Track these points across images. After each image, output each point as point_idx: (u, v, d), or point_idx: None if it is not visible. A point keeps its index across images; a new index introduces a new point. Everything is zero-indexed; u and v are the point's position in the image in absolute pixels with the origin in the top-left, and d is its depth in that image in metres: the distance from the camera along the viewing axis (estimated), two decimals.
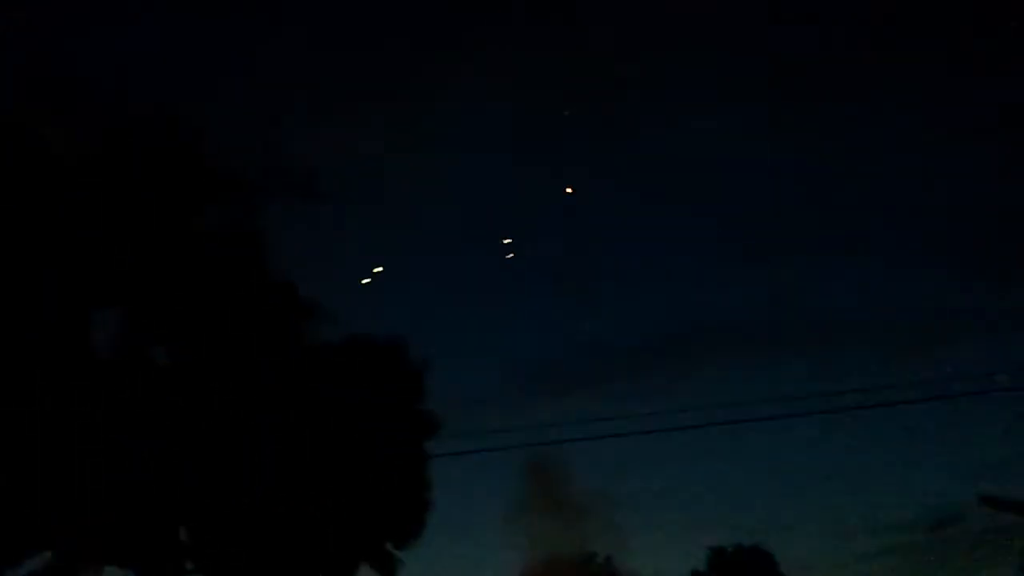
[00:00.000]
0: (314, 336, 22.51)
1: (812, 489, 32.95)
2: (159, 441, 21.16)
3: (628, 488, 30.90)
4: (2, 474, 18.67)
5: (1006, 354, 30.17)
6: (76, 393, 19.86)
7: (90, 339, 21.04)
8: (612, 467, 30.42)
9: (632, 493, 31.12)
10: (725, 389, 32.04)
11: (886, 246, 35.90)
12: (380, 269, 28.61)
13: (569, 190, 30.30)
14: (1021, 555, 29.40)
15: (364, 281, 28.43)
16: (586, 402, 33.00)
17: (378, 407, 24.28)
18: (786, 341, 34.59)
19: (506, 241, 30.43)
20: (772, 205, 37.10)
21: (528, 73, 32.27)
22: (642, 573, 31.56)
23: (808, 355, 33.53)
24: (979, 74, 34.18)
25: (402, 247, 32.45)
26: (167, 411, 21.46)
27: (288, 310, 21.65)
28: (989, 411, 29.33)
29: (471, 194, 33.53)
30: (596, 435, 28.33)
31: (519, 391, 34.33)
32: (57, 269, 20.37)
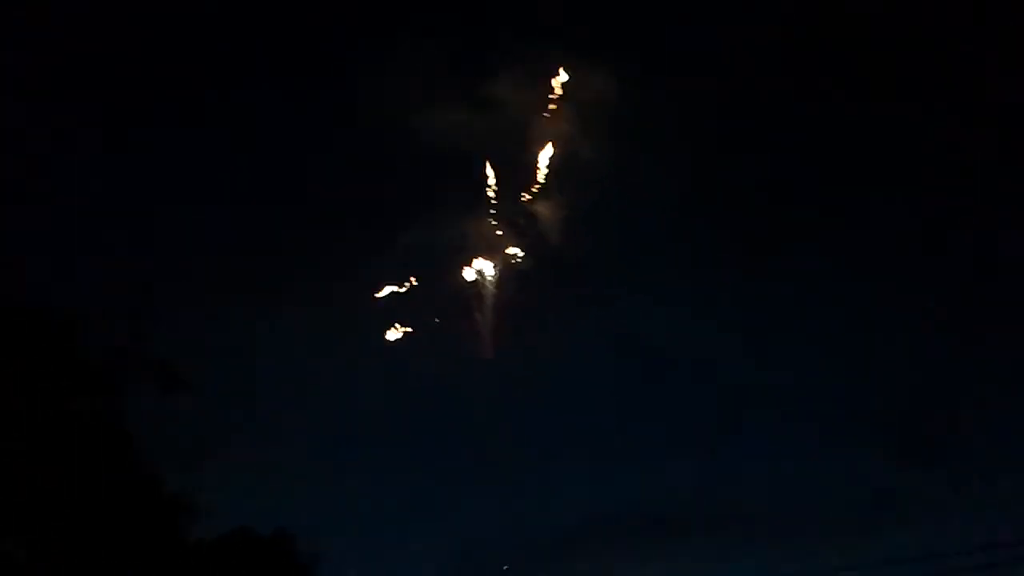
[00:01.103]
0: (187, 531, 21.55)
1: None
2: None
3: None
4: None
5: (936, 538, 29.58)
6: None
7: None
8: None
9: None
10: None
11: (813, 430, 35.80)
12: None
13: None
14: None
15: None
16: None
17: None
18: (711, 529, 33.70)
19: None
20: (696, 391, 37.14)
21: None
22: None
23: (734, 543, 32.65)
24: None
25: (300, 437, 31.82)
26: None
27: (156, 505, 20.79)
28: None
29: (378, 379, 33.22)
30: None
31: None
32: None
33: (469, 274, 30.96)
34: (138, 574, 20.99)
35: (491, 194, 31.26)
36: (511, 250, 31.95)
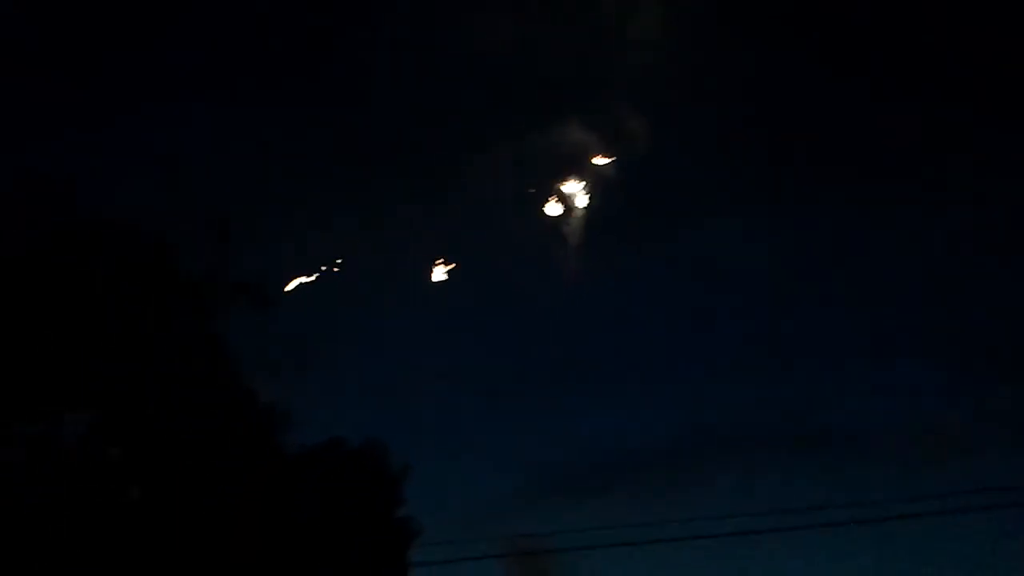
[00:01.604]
0: (280, 442, 22.30)
1: None
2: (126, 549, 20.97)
3: None
4: None
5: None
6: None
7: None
8: None
9: None
10: (737, 498, 30.84)
11: (903, 352, 34.87)
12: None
13: None
14: None
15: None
16: (588, 509, 31.98)
17: (354, 515, 23.84)
18: (800, 449, 33.34)
19: None
20: (786, 309, 36.43)
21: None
22: None
23: (823, 464, 32.29)
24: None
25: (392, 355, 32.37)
26: (134, 519, 21.32)
27: (252, 416, 21.52)
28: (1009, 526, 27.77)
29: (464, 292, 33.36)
30: (590, 544, 27.53)
31: (517, 496, 33.48)
32: (29, 374, 20.63)
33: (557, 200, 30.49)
34: (235, 481, 21.84)
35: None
36: (600, 162, 31.32)
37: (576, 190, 30.61)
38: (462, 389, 34.82)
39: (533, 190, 30.44)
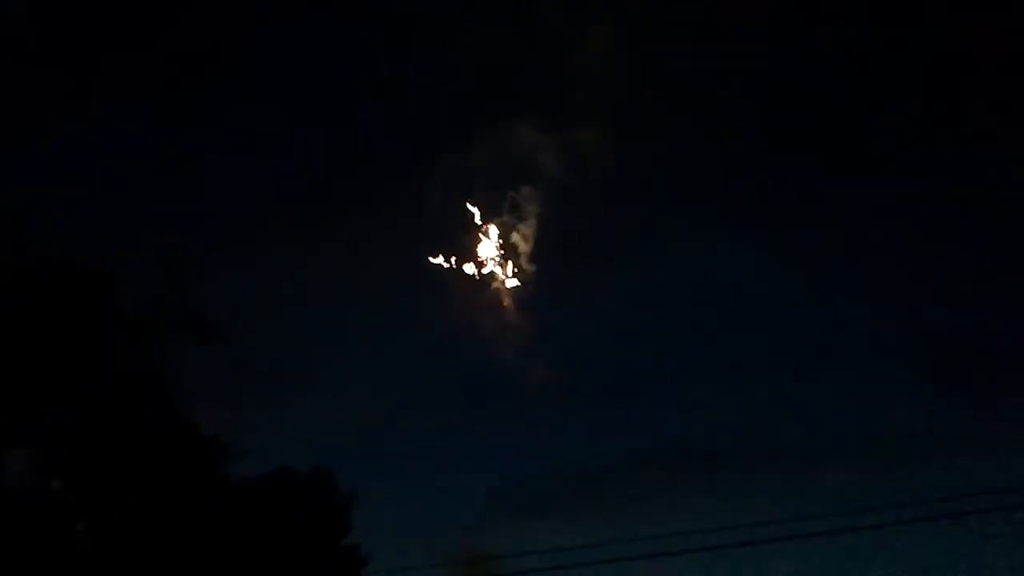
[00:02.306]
0: (225, 473, 22.30)
1: None
2: None
3: None
4: None
5: (978, 477, 29.22)
6: None
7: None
8: None
9: None
10: (691, 514, 31.01)
11: (859, 368, 35.32)
12: None
13: None
14: None
15: None
16: (540, 530, 32.09)
17: (300, 544, 23.84)
18: (756, 464, 33.57)
19: None
20: (743, 323, 36.92)
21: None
22: None
23: (780, 478, 32.51)
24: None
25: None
26: (80, 554, 21.21)
27: (196, 447, 21.53)
28: (959, 535, 28.19)
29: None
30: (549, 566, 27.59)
31: (473, 517, 33.55)
32: None
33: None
34: (180, 514, 21.82)
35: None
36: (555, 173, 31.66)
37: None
38: (417, 416, 34.90)
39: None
